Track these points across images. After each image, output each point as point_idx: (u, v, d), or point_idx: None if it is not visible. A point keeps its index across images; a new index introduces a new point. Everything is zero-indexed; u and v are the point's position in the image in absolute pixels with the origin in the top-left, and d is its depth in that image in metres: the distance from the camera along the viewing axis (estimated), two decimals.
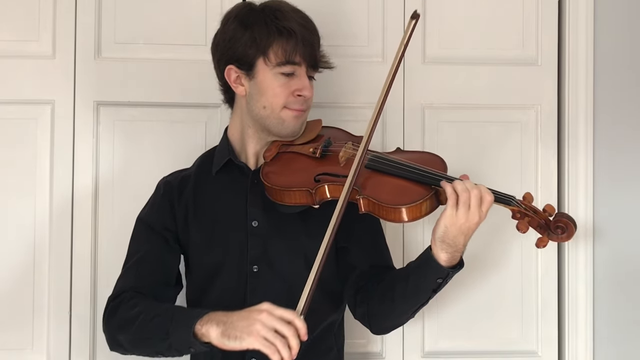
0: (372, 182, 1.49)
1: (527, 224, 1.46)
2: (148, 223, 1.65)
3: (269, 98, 1.56)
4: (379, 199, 1.44)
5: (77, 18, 1.95)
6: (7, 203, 1.93)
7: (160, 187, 1.70)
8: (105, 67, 1.96)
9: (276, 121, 1.58)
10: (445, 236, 1.41)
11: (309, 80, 1.58)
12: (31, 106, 1.94)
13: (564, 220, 1.46)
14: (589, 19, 2.02)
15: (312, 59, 1.57)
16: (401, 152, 1.66)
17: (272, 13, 1.55)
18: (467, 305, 1.99)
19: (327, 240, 1.39)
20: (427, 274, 1.46)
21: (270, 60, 1.54)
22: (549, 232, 1.46)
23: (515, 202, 1.47)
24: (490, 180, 2.01)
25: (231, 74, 1.59)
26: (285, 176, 1.55)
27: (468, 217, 1.39)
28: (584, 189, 2.01)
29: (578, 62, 2.02)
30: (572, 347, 2.01)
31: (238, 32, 1.55)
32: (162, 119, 1.97)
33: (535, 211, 1.47)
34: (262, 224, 1.59)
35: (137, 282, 1.59)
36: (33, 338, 1.93)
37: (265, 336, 1.33)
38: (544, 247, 1.47)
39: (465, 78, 2.02)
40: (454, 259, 1.44)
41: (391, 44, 2.01)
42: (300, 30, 1.54)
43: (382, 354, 2.00)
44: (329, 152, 1.59)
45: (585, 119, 2.02)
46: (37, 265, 1.93)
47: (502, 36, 2.04)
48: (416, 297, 1.50)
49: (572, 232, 1.46)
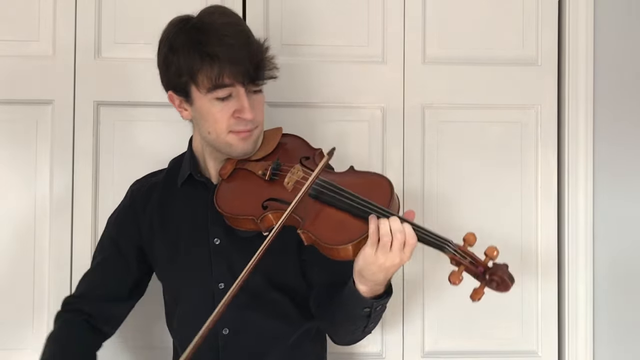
0: (313, 214, 1.41)
1: (461, 275, 1.34)
2: (112, 233, 1.67)
3: (211, 124, 1.48)
4: (317, 236, 1.38)
5: (77, 18, 1.95)
6: (7, 203, 1.93)
7: (128, 195, 1.69)
8: (105, 67, 1.96)
9: (224, 145, 1.51)
10: (363, 271, 1.35)
11: (249, 99, 1.46)
12: (31, 106, 1.94)
13: (499, 274, 1.33)
14: (589, 19, 2.02)
15: (246, 77, 1.44)
16: (352, 173, 1.53)
17: (196, 36, 1.44)
18: (467, 305, 1.98)
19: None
20: (352, 303, 1.42)
21: (200, 87, 1.45)
22: (485, 282, 1.34)
23: (450, 248, 1.35)
24: (490, 180, 2.02)
25: (174, 99, 1.53)
26: (235, 201, 1.49)
27: (387, 257, 1.32)
28: (583, 189, 2.01)
29: (578, 62, 2.02)
30: (572, 347, 2.00)
31: (168, 57, 1.47)
32: (162, 119, 1.97)
33: (472, 257, 1.35)
34: (224, 242, 1.56)
35: (87, 291, 1.66)
36: (33, 338, 1.93)
37: None
38: (479, 300, 1.34)
39: (465, 78, 2.02)
40: (375, 291, 1.39)
41: (391, 44, 2.01)
42: (225, 52, 1.41)
43: (382, 354, 2.00)
44: (278, 175, 1.50)
45: (585, 119, 2.02)
46: (37, 265, 1.93)
47: (502, 36, 2.04)
48: (352, 323, 1.46)
49: (508, 287, 1.33)
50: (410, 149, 2.00)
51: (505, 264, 1.35)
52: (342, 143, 1.93)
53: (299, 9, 1.99)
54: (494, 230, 1.97)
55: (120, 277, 1.65)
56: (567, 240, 2.01)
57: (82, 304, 1.65)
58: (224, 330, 1.55)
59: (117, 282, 1.65)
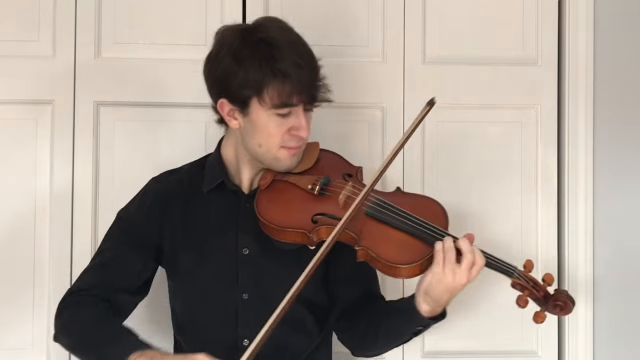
0: (371, 232, 1.44)
1: (527, 299, 1.45)
2: (128, 227, 1.61)
3: (264, 137, 1.49)
4: (377, 254, 1.41)
5: (77, 18, 1.95)
6: (7, 203, 1.93)
7: (149, 193, 1.64)
8: (105, 67, 1.96)
9: (271, 159, 1.52)
10: (429, 290, 1.40)
11: (305, 118, 1.50)
12: (31, 106, 1.94)
13: (563, 299, 1.44)
14: (589, 19, 2.02)
15: (310, 97, 1.48)
16: (402, 194, 1.59)
17: (267, 51, 1.44)
18: (467, 305, 1.99)
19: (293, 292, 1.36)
20: (408, 319, 1.46)
21: (265, 102, 1.45)
22: (547, 306, 1.45)
23: (516, 273, 1.45)
24: (490, 180, 2.02)
25: (224, 107, 1.51)
26: (281, 212, 1.50)
27: (455, 277, 1.38)
28: (584, 189, 2.01)
29: (578, 62, 2.02)
30: (572, 347, 2.01)
31: (231, 67, 1.46)
32: (162, 119, 1.97)
33: (535, 283, 1.45)
34: (253, 252, 1.55)
35: (99, 283, 1.57)
36: (33, 338, 1.93)
37: None
38: (541, 322, 1.45)
39: (465, 78, 2.02)
40: (435, 312, 1.44)
41: (391, 44, 2.02)
42: (296, 72, 1.43)
43: (382, 354, 2.00)
44: (328, 190, 1.53)
45: (585, 118, 2.02)
46: (37, 265, 1.93)
47: (502, 36, 2.04)
48: (399, 336, 1.52)
49: (570, 310, 1.45)
50: (410, 148, 2.00)
51: (565, 290, 1.49)
52: (342, 143, 1.92)
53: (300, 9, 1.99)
54: (494, 230, 1.98)
55: (131, 271, 1.60)
56: (567, 240, 2.01)
57: (93, 292, 1.57)
58: (244, 342, 1.53)
59: (129, 277, 1.59)
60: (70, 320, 1.53)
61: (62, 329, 1.55)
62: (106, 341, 1.45)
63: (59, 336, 1.57)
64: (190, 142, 1.95)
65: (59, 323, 1.56)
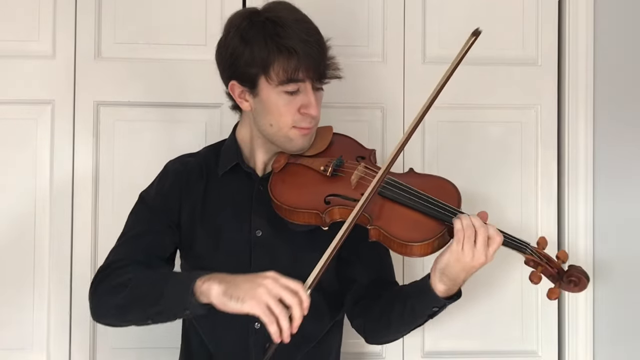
0: (384, 212, 1.45)
1: (540, 275, 1.44)
2: (152, 205, 1.60)
3: (275, 117, 1.50)
4: (390, 232, 1.41)
5: (77, 18, 1.95)
6: (7, 203, 1.93)
7: (169, 173, 1.63)
8: (105, 67, 1.96)
9: (283, 139, 1.53)
10: (446, 270, 1.39)
11: (314, 96, 1.50)
12: (31, 106, 1.94)
13: (577, 274, 1.43)
14: (589, 19, 2.02)
15: (317, 74, 1.48)
16: (415, 175, 1.59)
17: (272, 28, 1.45)
18: (467, 305, 1.99)
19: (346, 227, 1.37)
20: (423, 301, 1.45)
21: (272, 79, 1.46)
22: (560, 283, 1.44)
23: (529, 249, 1.44)
24: (490, 180, 2.02)
25: (235, 89, 1.53)
26: (294, 194, 1.51)
27: (474, 256, 1.37)
28: (584, 189, 2.01)
29: (578, 62, 2.02)
30: (572, 347, 2.01)
31: (238, 48, 1.48)
32: (162, 119, 1.97)
33: (548, 260, 1.44)
34: (266, 234, 1.56)
35: (132, 254, 1.53)
36: (33, 338, 1.93)
37: (268, 303, 1.27)
38: (556, 299, 1.46)
39: (465, 78, 2.01)
40: (451, 291, 1.43)
41: (391, 44, 2.02)
42: (302, 47, 1.44)
43: (382, 354, 2.00)
44: (340, 171, 1.53)
45: (585, 119, 2.02)
46: (37, 265, 1.93)
47: (502, 36, 2.04)
48: (413, 320, 1.50)
49: (585, 286, 1.44)
50: (410, 148, 2.00)
51: (579, 266, 1.46)
52: None
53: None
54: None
55: (160, 243, 1.57)
56: (567, 240, 2.01)
57: (127, 262, 1.52)
58: (256, 325, 1.53)
59: (159, 247, 1.57)
60: (116, 281, 1.46)
61: (108, 292, 1.47)
62: (165, 279, 1.40)
63: (101, 307, 1.49)
64: (190, 142, 1.94)
65: (101, 291, 1.49)
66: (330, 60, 1.52)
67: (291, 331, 1.29)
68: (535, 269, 1.44)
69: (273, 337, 1.28)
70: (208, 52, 1.84)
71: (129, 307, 1.43)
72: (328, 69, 1.51)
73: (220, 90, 1.63)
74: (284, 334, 1.28)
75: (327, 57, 1.51)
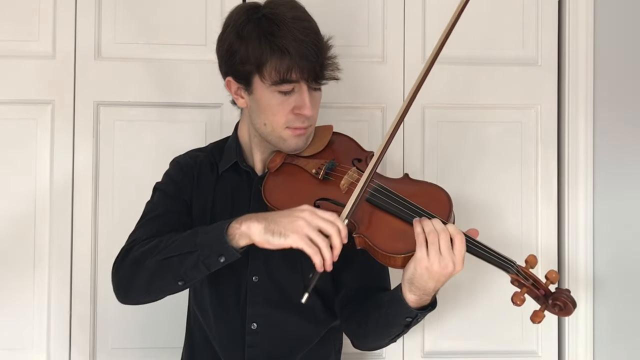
0: (370, 220, 1.41)
1: (524, 297, 1.36)
2: (167, 190, 1.59)
3: (268, 116, 1.49)
4: (374, 243, 1.37)
5: (77, 18, 1.95)
6: (7, 203, 1.93)
7: (181, 165, 1.62)
8: (105, 67, 1.96)
9: (277, 139, 1.52)
10: (413, 279, 1.34)
11: (309, 96, 1.47)
12: (31, 106, 1.94)
13: (563, 299, 1.35)
14: (589, 19, 2.02)
15: (312, 75, 1.45)
16: (408, 181, 1.54)
17: (268, 27, 1.43)
18: (467, 305, 2.00)
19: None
20: (395, 312, 1.41)
21: (265, 79, 1.44)
22: (546, 305, 1.36)
23: (514, 268, 1.37)
24: (490, 180, 2.02)
25: (231, 86, 1.52)
26: (286, 196, 1.49)
27: (439, 263, 1.31)
28: (584, 189, 2.01)
29: (578, 62, 2.02)
30: (572, 347, 2.01)
31: (234, 44, 1.46)
32: (162, 119, 1.97)
33: (535, 281, 1.37)
34: None
35: (152, 233, 1.49)
36: (33, 338, 1.93)
37: (309, 234, 1.28)
38: (539, 322, 1.36)
39: (465, 78, 2.02)
40: (422, 301, 1.38)
41: (391, 44, 2.02)
42: (296, 47, 1.41)
43: (382, 354, 2.00)
44: (332, 175, 1.51)
45: (585, 119, 2.02)
46: (37, 265, 1.93)
47: (502, 36, 2.04)
48: (388, 329, 1.45)
49: (570, 312, 1.36)
50: (410, 148, 2.00)
51: (567, 289, 1.38)
52: None
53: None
54: (494, 229, 1.98)
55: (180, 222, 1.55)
56: (567, 240, 2.01)
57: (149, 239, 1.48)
58: (252, 325, 1.53)
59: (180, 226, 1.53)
60: (142, 250, 1.42)
61: (134, 263, 1.43)
62: (194, 232, 1.39)
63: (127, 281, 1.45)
64: (190, 142, 1.94)
65: (126, 264, 1.45)
66: (330, 60, 1.48)
67: (333, 259, 1.30)
68: (520, 289, 1.37)
69: (317, 266, 1.29)
70: (208, 52, 1.85)
71: (159, 270, 1.40)
72: (325, 70, 1.47)
73: (220, 90, 1.63)
74: (327, 263, 1.30)
75: (325, 57, 1.47)
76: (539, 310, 1.37)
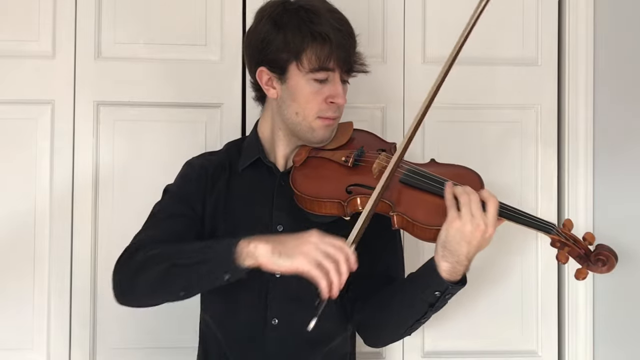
0: (406, 199, 1.44)
1: (567, 255, 1.42)
2: (177, 193, 1.58)
3: (301, 104, 1.51)
4: (413, 218, 1.40)
5: (77, 18, 1.95)
6: (7, 203, 1.93)
7: (194, 166, 1.62)
8: (105, 67, 1.96)
9: (307, 129, 1.53)
10: (446, 242, 1.36)
11: (342, 86, 1.52)
12: (31, 106, 1.94)
13: (605, 253, 1.41)
14: (589, 19, 2.02)
15: (347, 64, 1.51)
16: (436, 164, 1.59)
17: (306, 15, 1.48)
18: (467, 305, 1.99)
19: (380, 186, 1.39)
20: (425, 283, 1.42)
21: (303, 66, 1.48)
22: (588, 263, 1.42)
23: (555, 230, 1.42)
24: (490, 180, 2.01)
25: (263, 76, 1.53)
26: (316, 185, 1.50)
27: (471, 222, 1.34)
28: (584, 189, 2.01)
29: (578, 62, 2.02)
30: (572, 347, 2.01)
31: (271, 33, 1.49)
32: (162, 119, 1.97)
33: (575, 240, 1.42)
34: (287, 229, 1.54)
35: (158, 236, 1.48)
36: (33, 338, 1.93)
37: (316, 258, 1.28)
38: (584, 279, 1.42)
39: (465, 78, 2.02)
40: (455, 272, 1.38)
41: (391, 44, 2.02)
42: (335, 35, 1.47)
43: (382, 354, 2.00)
44: (362, 161, 1.54)
45: (585, 119, 2.02)
46: (37, 265, 1.93)
47: (502, 36, 2.04)
48: (411, 308, 1.46)
49: (613, 265, 1.41)
50: (410, 148, 1.99)
51: (607, 245, 1.44)
52: None
53: None
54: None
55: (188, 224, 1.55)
56: None
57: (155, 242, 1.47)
58: (274, 321, 1.53)
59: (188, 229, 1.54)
60: (147, 255, 1.41)
61: (140, 266, 1.40)
62: (203, 244, 1.38)
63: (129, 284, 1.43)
64: (190, 142, 1.95)
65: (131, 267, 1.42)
66: (358, 53, 1.54)
67: (340, 285, 1.29)
68: (562, 249, 1.42)
69: (323, 292, 1.28)
70: (208, 52, 1.85)
71: (162, 280, 1.38)
72: (357, 62, 1.53)
73: (220, 90, 1.63)
74: (333, 289, 1.28)
75: (356, 48, 1.53)
76: (581, 268, 1.42)
